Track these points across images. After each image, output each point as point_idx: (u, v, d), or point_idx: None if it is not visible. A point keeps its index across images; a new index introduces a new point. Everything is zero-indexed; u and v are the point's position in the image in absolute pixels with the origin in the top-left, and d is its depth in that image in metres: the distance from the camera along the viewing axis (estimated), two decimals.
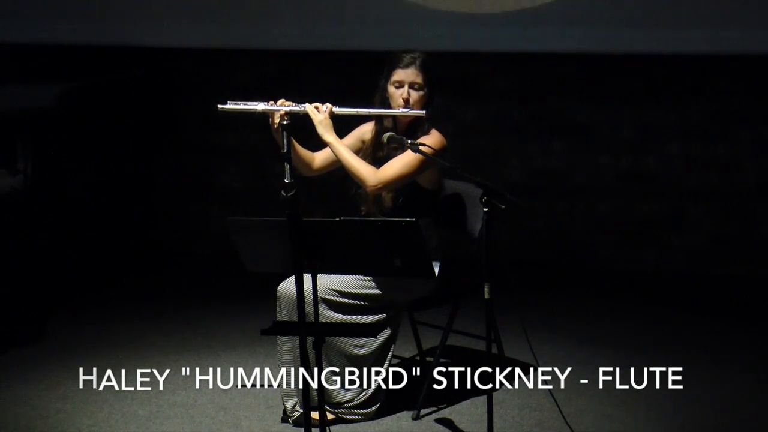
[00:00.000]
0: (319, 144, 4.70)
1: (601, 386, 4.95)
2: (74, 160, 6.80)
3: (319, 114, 4.57)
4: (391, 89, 4.68)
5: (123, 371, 5.22)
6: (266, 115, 4.52)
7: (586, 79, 6.74)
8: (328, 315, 4.49)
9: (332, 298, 4.50)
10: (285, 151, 3.94)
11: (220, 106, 4.56)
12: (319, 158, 4.78)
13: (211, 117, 7.24)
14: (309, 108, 4.57)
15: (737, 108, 6.57)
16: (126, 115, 7.12)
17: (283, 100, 4.50)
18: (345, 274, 4.47)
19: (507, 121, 6.89)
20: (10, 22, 7.08)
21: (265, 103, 4.51)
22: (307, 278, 3.86)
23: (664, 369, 5.13)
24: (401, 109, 4.64)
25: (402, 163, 4.59)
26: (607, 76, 6.71)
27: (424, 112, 4.63)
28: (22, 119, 6.18)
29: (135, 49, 7.02)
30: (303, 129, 4.60)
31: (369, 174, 4.59)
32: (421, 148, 4.43)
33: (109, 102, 7.03)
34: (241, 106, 4.54)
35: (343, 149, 4.63)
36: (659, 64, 6.61)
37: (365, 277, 4.54)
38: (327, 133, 4.59)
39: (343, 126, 4.72)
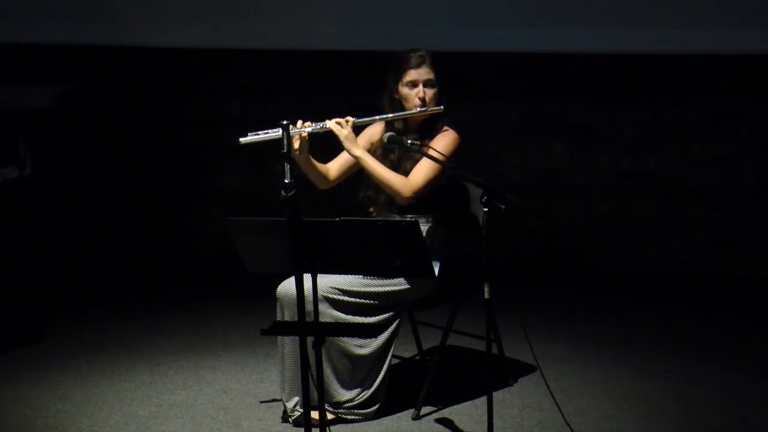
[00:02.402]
0: (329, 155, 4.71)
1: (601, 386, 4.96)
2: (74, 160, 6.80)
3: (344, 129, 4.57)
4: (405, 90, 4.67)
5: (123, 371, 5.23)
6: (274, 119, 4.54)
7: (586, 79, 6.74)
8: (330, 314, 4.48)
9: (334, 296, 4.50)
10: (285, 151, 3.94)
11: (241, 139, 4.56)
12: (334, 169, 4.78)
13: (211, 117, 7.28)
14: (331, 124, 4.56)
15: (737, 108, 6.57)
16: (126, 115, 7.12)
17: (301, 121, 4.51)
18: (345, 274, 4.47)
19: (507, 121, 6.89)
20: (10, 22, 7.08)
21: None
22: (307, 278, 3.87)
23: (664, 369, 5.14)
24: (419, 109, 4.64)
25: (428, 166, 4.59)
26: (607, 76, 6.71)
27: (442, 108, 4.65)
28: (22, 119, 6.18)
29: (135, 49, 7.02)
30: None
31: (402, 185, 4.59)
32: (422, 149, 4.44)
33: (110, 102, 7.04)
34: (261, 135, 4.52)
35: (372, 161, 4.62)
36: (659, 64, 6.61)
37: (367, 276, 4.54)
38: (354, 147, 4.60)
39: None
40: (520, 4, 6.46)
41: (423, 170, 4.61)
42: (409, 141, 4.47)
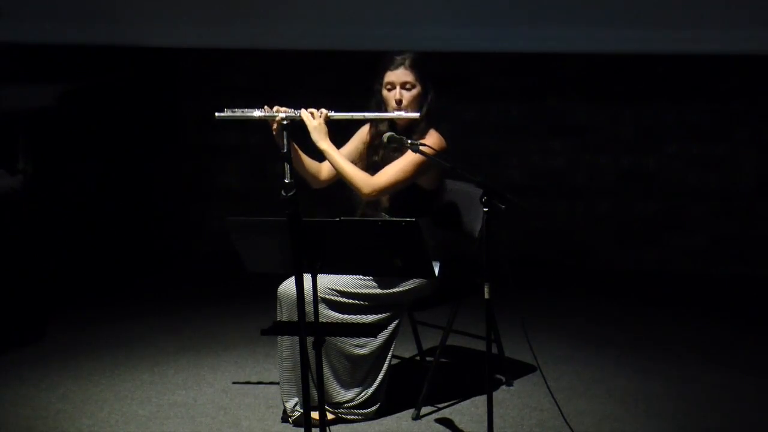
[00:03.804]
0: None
1: (601, 386, 4.96)
2: (74, 160, 6.80)
3: (314, 120, 4.57)
4: (384, 92, 4.68)
5: (123, 371, 5.23)
6: (266, 120, 4.54)
7: (586, 79, 6.74)
8: (328, 314, 4.48)
9: (332, 297, 4.50)
10: (285, 151, 3.93)
11: (217, 114, 4.56)
12: (327, 168, 4.76)
13: (211, 117, 7.27)
14: (304, 114, 4.56)
15: (737, 108, 6.57)
16: (126, 115, 7.12)
17: (278, 106, 4.50)
18: (345, 274, 4.47)
19: (507, 121, 6.89)
20: (10, 22, 7.08)
21: (261, 109, 4.51)
22: (307, 278, 3.87)
23: (664, 369, 5.14)
24: (395, 112, 4.63)
25: (397, 169, 4.60)
26: (607, 76, 6.71)
27: (418, 114, 4.63)
28: (22, 119, 6.18)
29: (135, 49, 7.02)
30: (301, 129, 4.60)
31: (362, 182, 4.59)
32: (422, 148, 4.44)
33: (110, 102, 7.04)
34: (238, 113, 4.54)
35: (337, 156, 4.63)
36: (659, 64, 6.61)
37: (366, 277, 4.54)
38: (322, 140, 4.59)
39: (338, 129, 4.70)
40: (519, 4, 6.46)
41: (390, 171, 4.61)
42: (409, 141, 4.47)
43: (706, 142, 6.64)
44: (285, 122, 4.30)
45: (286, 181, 3.81)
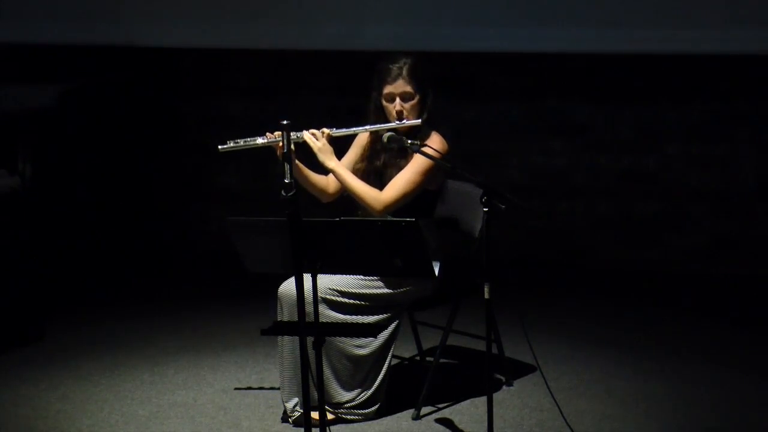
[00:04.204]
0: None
1: (601, 386, 4.96)
2: (74, 161, 6.80)
3: (318, 141, 4.56)
4: (384, 103, 4.67)
5: (123, 371, 5.23)
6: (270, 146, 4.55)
7: (586, 79, 6.74)
8: (329, 315, 4.49)
9: (333, 297, 4.50)
10: (285, 151, 3.94)
11: (220, 147, 4.61)
12: (334, 182, 4.75)
13: (210, 117, 7.28)
14: (306, 135, 4.57)
15: (737, 108, 6.57)
16: (126, 115, 7.12)
17: (278, 132, 4.50)
18: (345, 274, 4.47)
19: (507, 121, 6.89)
20: (10, 22, 7.08)
21: (263, 137, 4.53)
22: (308, 278, 3.87)
23: (664, 369, 5.14)
24: (396, 122, 4.63)
25: (404, 180, 4.59)
26: (607, 76, 6.71)
27: (419, 121, 4.63)
28: (22, 119, 6.17)
29: (135, 49, 7.02)
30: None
31: (373, 200, 4.59)
32: (422, 148, 4.45)
33: (109, 102, 7.03)
34: (241, 143, 4.58)
35: (346, 175, 4.62)
36: (659, 64, 6.61)
37: (366, 277, 4.54)
38: (328, 159, 4.59)
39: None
40: (519, 4, 6.46)
41: (396, 186, 4.61)
42: (409, 141, 4.47)
43: (706, 142, 6.64)
44: (286, 122, 4.30)
45: (286, 181, 3.81)
